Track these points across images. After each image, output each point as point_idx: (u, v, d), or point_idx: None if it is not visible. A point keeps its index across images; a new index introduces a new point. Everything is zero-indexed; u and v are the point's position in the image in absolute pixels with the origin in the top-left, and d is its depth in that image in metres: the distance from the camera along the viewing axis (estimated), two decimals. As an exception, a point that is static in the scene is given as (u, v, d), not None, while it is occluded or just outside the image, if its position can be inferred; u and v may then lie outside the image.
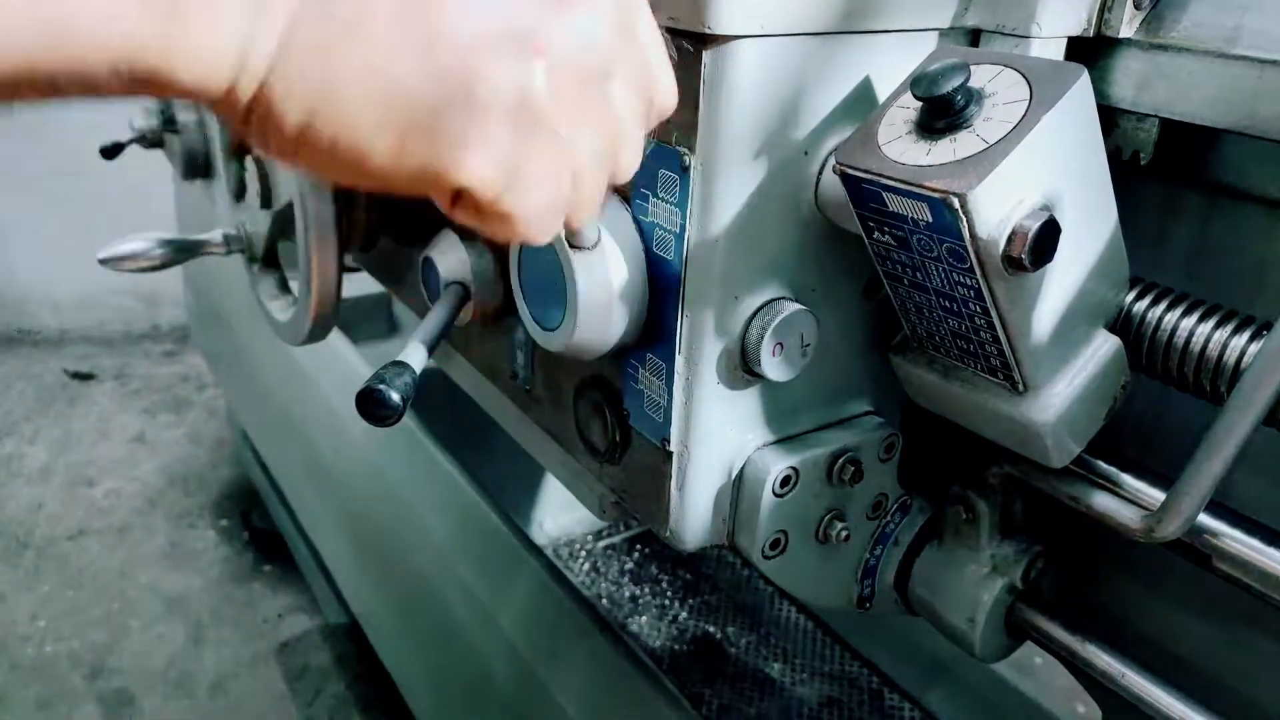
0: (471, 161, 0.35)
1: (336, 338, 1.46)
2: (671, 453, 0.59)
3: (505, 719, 1.14)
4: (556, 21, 0.35)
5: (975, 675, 1.42)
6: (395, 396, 0.58)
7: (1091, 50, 0.57)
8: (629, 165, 0.41)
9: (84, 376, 2.88)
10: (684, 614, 1.61)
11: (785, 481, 0.59)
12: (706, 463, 0.59)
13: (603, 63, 0.37)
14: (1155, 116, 0.56)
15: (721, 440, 0.59)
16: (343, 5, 0.32)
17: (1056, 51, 0.55)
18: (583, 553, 1.75)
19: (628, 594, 1.66)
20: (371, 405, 0.58)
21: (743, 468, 0.60)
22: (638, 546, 1.76)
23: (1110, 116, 0.58)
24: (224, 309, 1.92)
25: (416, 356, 0.63)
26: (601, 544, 1.77)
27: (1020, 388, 0.53)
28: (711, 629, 1.58)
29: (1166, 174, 0.60)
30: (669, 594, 1.66)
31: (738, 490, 0.61)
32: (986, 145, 0.45)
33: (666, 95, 0.42)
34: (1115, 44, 0.56)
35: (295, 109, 0.32)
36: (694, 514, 0.61)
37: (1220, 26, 0.53)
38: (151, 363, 2.98)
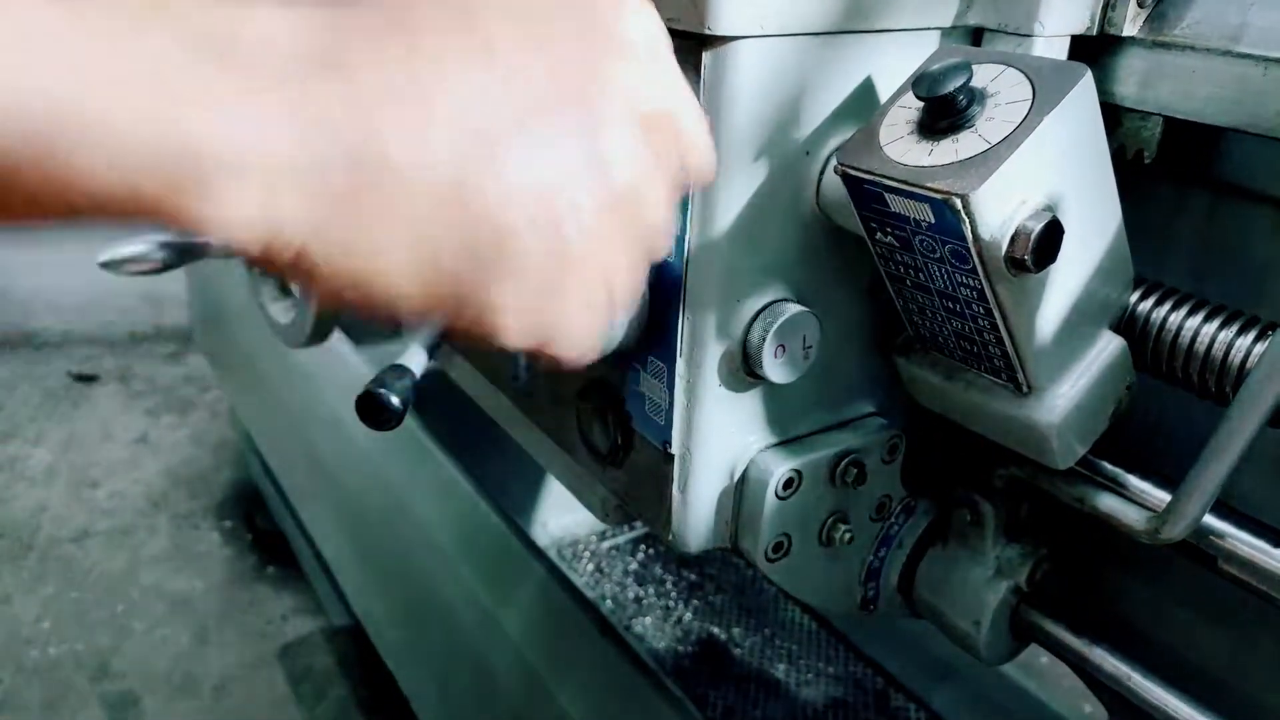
0: (506, 324, 0.36)
1: (338, 340, 1.46)
2: (673, 455, 0.59)
3: (509, 721, 1.14)
4: (590, 169, 0.35)
5: (981, 676, 1.41)
6: (395, 400, 0.58)
7: (1095, 49, 0.56)
8: (661, 248, 0.41)
9: (87, 378, 2.88)
10: (688, 615, 1.61)
11: (788, 484, 0.59)
12: (709, 465, 0.59)
13: (638, 184, 0.37)
14: (1159, 115, 0.56)
15: (723, 443, 0.59)
16: (377, 194, 0.32)
17: (1060, 50, 0.55)
18: (586, 553, 1.75)
19: (632, 595, 1.66)
20: (371, 409, 0.58)
21: (745, 470, 0.60)
22: (642, 547, 1.76)
23: (1114, 115, 0.58)
24: (226, 311, 1.92)
25: (417, 360, 0.63)
26: (605, 545, 1.77)
27: (1024, 389, 0.53)
28: (716, 630, 1.58)
29: (1171, 173, 0.60)
30: (673, 595, 1.65)
31: (740, 493, 0.60)
32: (989, 145, 0.45)
33: (703, 163, 0.41)
34: (1118, 42, 0.56)
35: (331, 276, 0.33)
36: (696, 517, 0.61)
37: (1224, 24, 0.52)
38: (155, 364, 2.98)
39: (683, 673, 1.49)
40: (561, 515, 1.79)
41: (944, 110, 0.47)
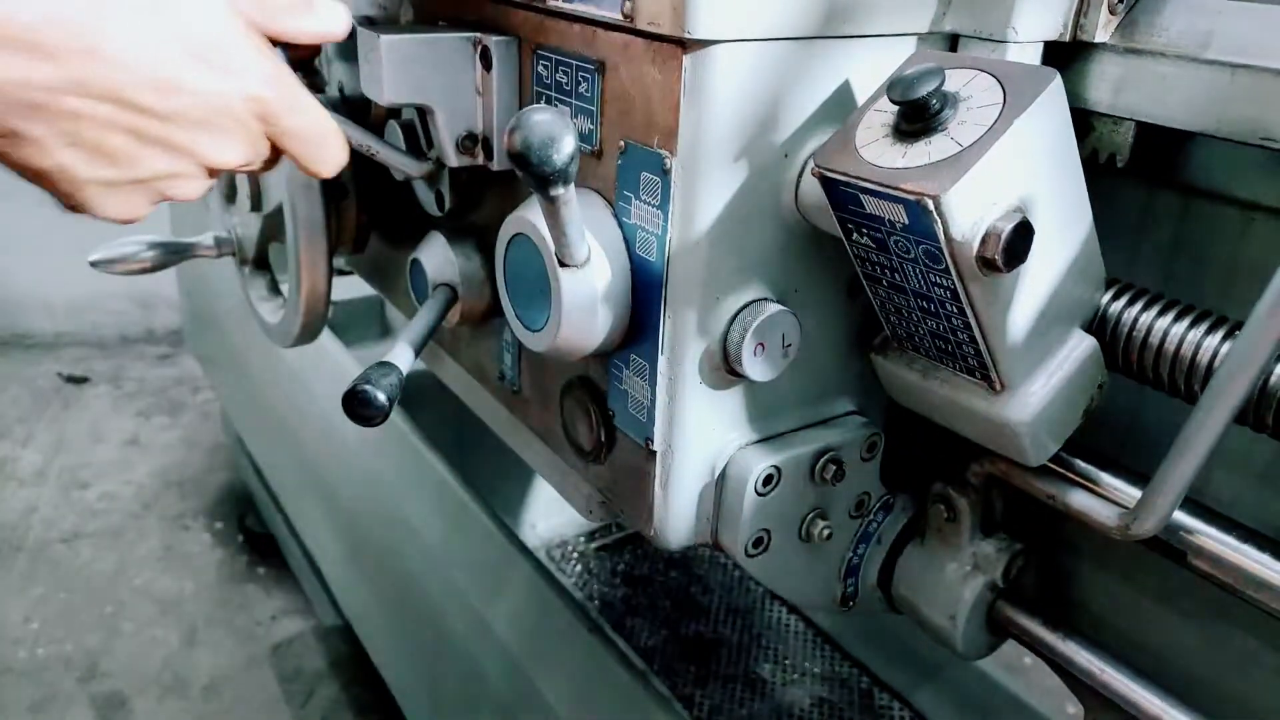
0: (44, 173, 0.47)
1: (328, 340, 1.47)
2: (655, 452, 0.60)
3: (496, 720, 1.14)
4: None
5: (965, 675, 1.42)
6: (381, 397, 0.59)
7: (1068, 54, 0.58)
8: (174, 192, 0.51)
9: (78, 380, 2.88)
10: (676, 615, 1.62)
11: (767, 480, 0.60)
12: (690, 462, 0.60)
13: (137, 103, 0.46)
14: (1131, 120, 0.57)
15: (704, 439, 0.60)
16: None
17: (1033, 56, 0.56)
18: (575, 554, 1.76)
19: (620, 595, 1.66)
20: (357, 405, 0.59)
21: (725, 467, 0.61)
22: (629, 548, 1.77)
23: (1087, 119, 0.59)
24: (217, 312, 1.92)
25: (403, 357, 0.64)
26: (594, 545, 1.78)
27: (997, 387, 0.54)
28: (703, 630, 1.58)
29: (1142, 176, 0.61)
30: (661, 595, 1.66)
31: (721, 489, 0.61)
32: (961, 148, 0.46)
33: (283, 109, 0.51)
34: (1091, 48, 0.57)
35: None
36: (678, 513, 0.62)
37: (1193, 31, 0.54)
38: (146, 366, 2.98)
39: (670, 672, 1.50)
40: (550, 516, 1.80)
41: (917, 114, 0.48)
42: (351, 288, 1.55)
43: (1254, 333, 0.46)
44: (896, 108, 0.49)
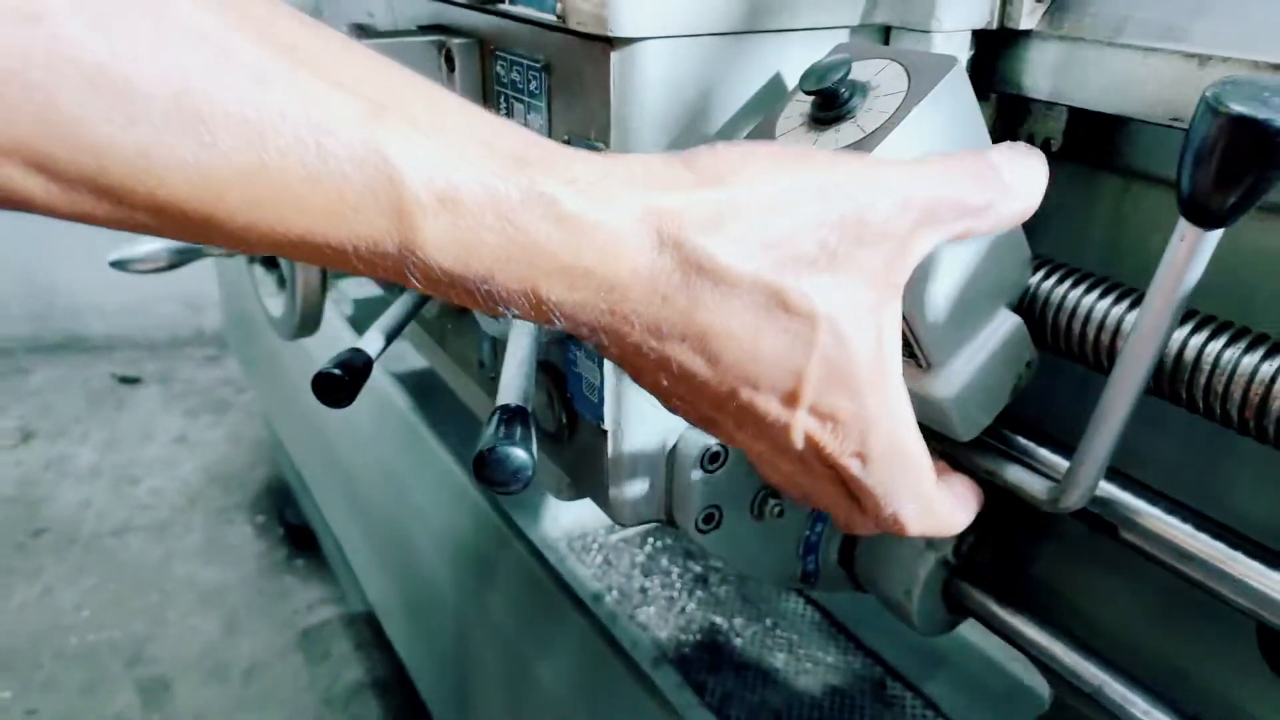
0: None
1: (349, 337, 1.52)
2: (606, 431, 0.63)
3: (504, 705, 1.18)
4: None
5: (977, 665, 1.43)
6: (347, 379, 0.63)
7: (999, 42, 0.59)
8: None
9: (130, 380, 2.99)
10: (692, 605, 1.64)
11: (714, 458, 0.62)
12: (640, 440, 0.63)
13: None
14: (1063, 105, 0.59)
15: (652, 419, 0.62)
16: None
17: (960, 45, 0.58)
18: (595, 545, 1.79)
19: (638, 585, 1.69)
20: (325, 387, 0.63)
21: (675, 444, 0.63)
22: (649, 540, 1.80)
23: (1022, 105, 0.61)
24: (254, 313, 1.99)
25: (373, 343, 0.68)
26: (614, 537, 1.81)
27: (923, 364, 0.56)
28: (718, 619, 1.61)
29: (1083, 159, 0.62)
30: (678, 586, 1.69)
31: (671, 467, 0.64)
32: (864, 134, 0.48)
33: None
34: (1019, 35, 0.58)
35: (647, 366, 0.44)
36: (631, 490, 0.64)
37: (1112, 16, 0.55)
38: (194, 367, 3.09)
39: (684, 660, 1.53)
40: (572, 508, 1.84)
41: (828, 102, 0.50)
42: (370, 285, 1.60)
43: (1153, 301, 0.47)
44: (812, 98, 0.51)
